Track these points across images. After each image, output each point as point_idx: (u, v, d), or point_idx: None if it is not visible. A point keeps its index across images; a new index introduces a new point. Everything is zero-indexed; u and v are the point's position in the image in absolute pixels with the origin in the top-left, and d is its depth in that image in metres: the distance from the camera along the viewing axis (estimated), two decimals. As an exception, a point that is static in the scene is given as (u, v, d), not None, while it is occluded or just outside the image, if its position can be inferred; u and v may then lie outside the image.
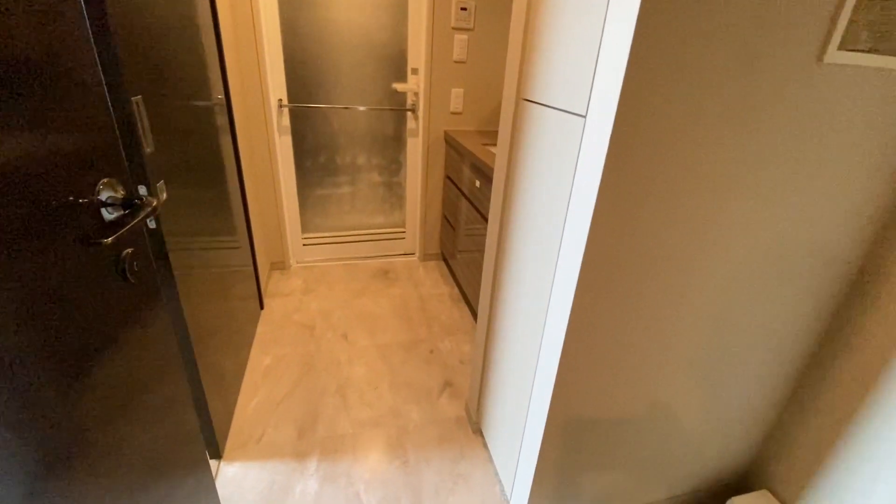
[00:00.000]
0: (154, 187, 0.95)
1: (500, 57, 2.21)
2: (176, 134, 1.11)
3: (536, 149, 0.92)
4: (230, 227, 1.61)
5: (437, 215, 2.53)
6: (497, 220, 1.17)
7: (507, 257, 1.14)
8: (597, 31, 0.68)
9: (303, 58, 2.08)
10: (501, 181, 1.12)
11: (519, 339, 1.09)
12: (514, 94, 1.01)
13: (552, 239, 0.88)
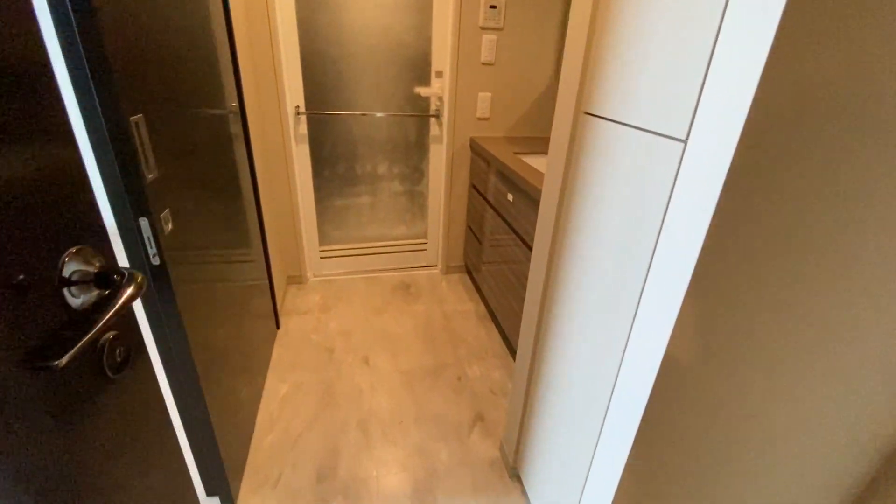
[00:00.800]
0: (157, 219, 0.83)
1: (532, 58, 2.06)
2: (186, 150, 0.99)
3: (605, 174, 0.77)
4: (244, 241, 1.50)
5: (461, 226, 2.39)
6: (545, 249, 1.03)
7: (559, 295, 0.99)
8: (706, 37, 0.53)
9: (321, 62, 1.96)
10: (552, 206, 0.97)
11: (577, 387, 0.94)
12: (573, 107, 0.86)
13: (627, 287, 0.73)
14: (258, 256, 1.69)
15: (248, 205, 1.57)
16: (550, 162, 0.97)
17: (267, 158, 2.00)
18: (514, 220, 1.65)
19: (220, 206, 1.26)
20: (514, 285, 1.69)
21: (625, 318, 0.74)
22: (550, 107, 2.18)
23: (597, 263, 0.82)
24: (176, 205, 0.92)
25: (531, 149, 1.94)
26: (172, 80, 0.92)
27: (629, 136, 0.70)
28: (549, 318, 1.05)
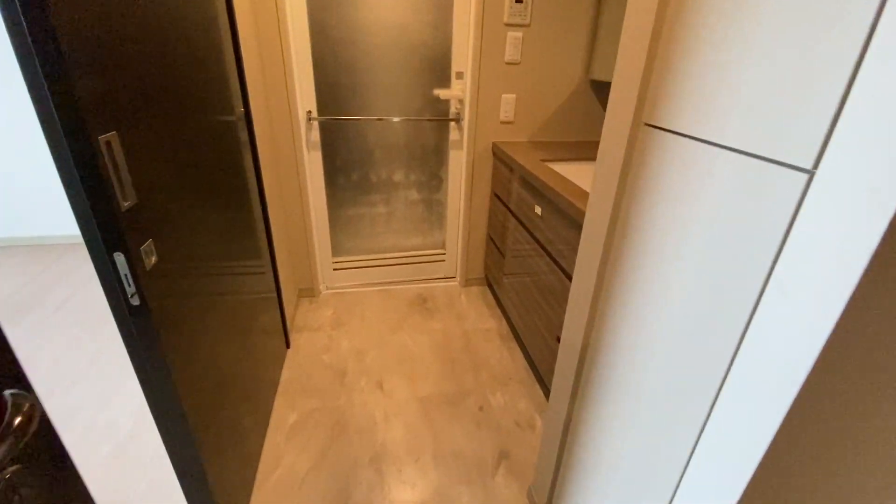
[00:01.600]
0: (137, 253, 0.71)
1: (561, 56, 1.89)
2: (178, 165, 0.87)
3: (678, 203, 0.62)
4: (251, 252, 1.38)
5: (481, 237, 2.25)
6: (589, 279, 0.87)
7: (607, 344, 0.83)
8: (850, 44, 0.37)
9: (334, 64, 1.83)
10: (599, 232, 0.82)
11: (640, 441, 0.79)
12: (629, 117, 0.71)
13: (716, 340, 0.57)
14: (266, 268, 1.58)
15: (255, 215, 1.46)
16: (598, 180, 0.82)
17: (277, 166, 1.89)
18: (543, 235, 1.49)
19: (223, 218, 1.14)
20: (541, 305, 1.54)
21: (699, 407, 0.58)
22: (580, 109, 2.02)
23: (673, 309, 0.67)
24: (163, 231, 0.80)
25: (559, 155, 1.78)
26: (158, 88, 0.80)
27: (717, 159, 0.54)
28: (593, 370, 0.90)
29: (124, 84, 0.69)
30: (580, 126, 2.06)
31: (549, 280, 1.46)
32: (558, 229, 1.37)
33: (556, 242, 1.39)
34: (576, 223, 1.26)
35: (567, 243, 1.32)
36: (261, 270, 1.53)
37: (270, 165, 1.75)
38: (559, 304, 1.40)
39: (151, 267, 0.75)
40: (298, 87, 1.83)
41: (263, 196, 1.54)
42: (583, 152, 1.84)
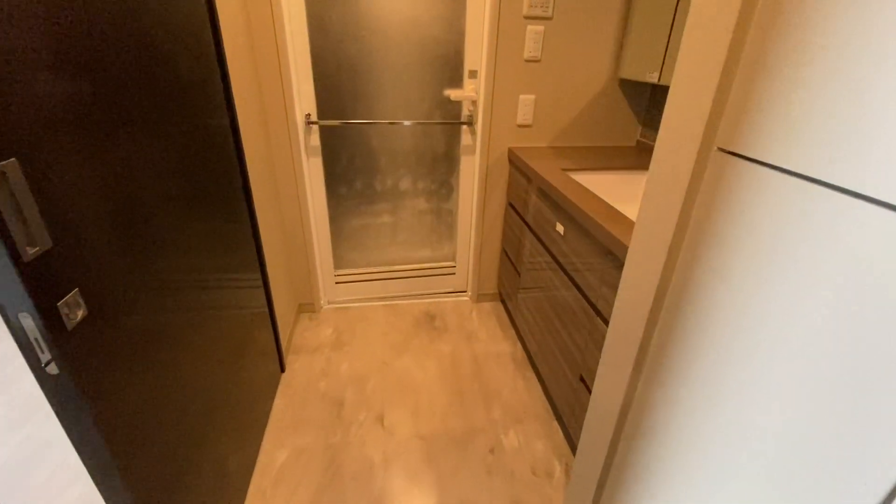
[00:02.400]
0: (53, 310, 0.55)
1: (587, 53, 1.70)
2: (120, 190, 0.71)
3: (792, 266, 0.44)
4: (235, 267, 1.24)
5: (495, 250, 2.07)
6: (632, 335, 0.69)
7: (667, 414, 0.65)
8: None
9: (335, 63, 1.67)
10: (649, 277, 0.64)
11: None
12: (696, 138, 0.52)
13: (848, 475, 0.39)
14: (256, 283, 1.43)
15: (241, 227, 1.31)
16: (648, 214, 0.64)
17: (274, 174, 1.74)
18: (565, 257, 1.31)
19: (195, 234, 0.99)
20: (560, 334, 1.36)
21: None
22: (607, 112, 1.82)
23: (755, 414, 0.48)
24: (96, 275, 0.64)
25: (583, 164, 1.59)
26: (86, 98, 0.65)
27: (845, 209, 0.36)
28: (632, 454, 0.72)
29: (28, 95, 0.54)
30: (607, 130, 1.86)
31: (572, 308, 1.28)
32: (584, 254, 1.18)
33: (582, 269, 1.20)
34: (604, 249, 1.08)
35: (593, 270, 1.14)
36: (251, 285, 1.38)
37: (265, 173, 1.60)
38: (582, 338, 1.22)
39: (77, 324, 0.60)
40: (296, 89, 1.67)
41: (251, 206, 1.38)
42: (610, 160, 1.64)
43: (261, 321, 1.48)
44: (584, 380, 1.23)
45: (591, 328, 1.16)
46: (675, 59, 1.48)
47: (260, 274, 1.49)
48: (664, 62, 1.43)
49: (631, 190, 1.61)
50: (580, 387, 1.25)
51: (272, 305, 1.57)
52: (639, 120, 1.85)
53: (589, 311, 1.17)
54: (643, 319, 0.65)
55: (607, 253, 1.07)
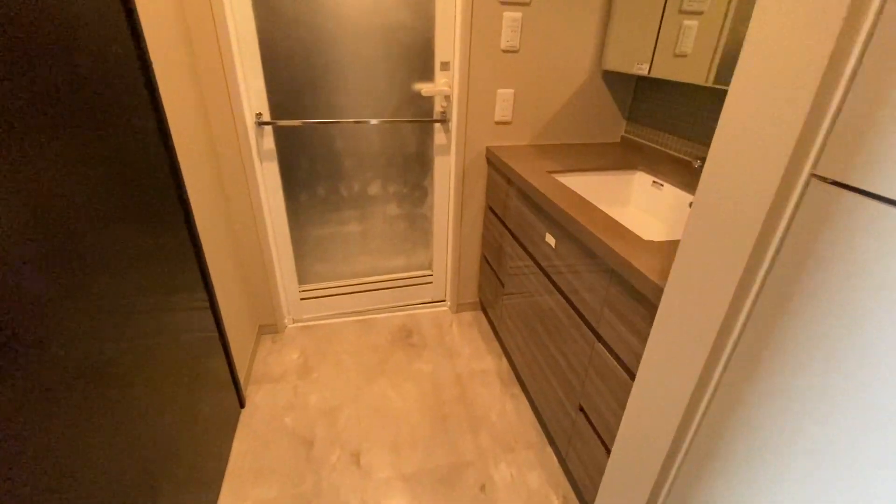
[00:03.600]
0: None
1: (569, 43, 1.56)
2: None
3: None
4: (166, 289, 1.03)
5: (474, 256, 1.92)
6: (679, 387, 0.56)
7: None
8: None
9: (288, 55, 1.46)
10: (706, 325, 0.50)
11: None
12: (780, 164, 0.38)
13: None
14: (200, 302, 1.23)
15: (176, 240, 1.11)
16: (696, 254, 0.50)
17: (222, 182, 1.52)
18: (559, 274, 1.18)
19: (123, 249, 0.79)
20: (551, 351, 1.23)
21: None
22: (591, 106, 1.69)
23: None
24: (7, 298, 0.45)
25: (569, 164, 1.45)
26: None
27: None
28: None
29: None
30: (590, 126, 1.73)
31: (567, 330, 1.15)
32: (581, 272, 1.05)
33: (580, 289, 1.07)
34: (607, 268, 0.94)
35: (594, 292, 1.00)
36: (196, 307, 1.19)
37: (210, 181, 1.38)
38: (580, 364, 1.09)
39: None
40: (243, 85, 1.45)
41: (189, 218, 1.17)
42: (596, 159, 1.51)
43: (212, 348, 1.29)
44: (584, 410, 1.11)
45: (593, 355, 1.03)
46: (667, 50, 1.37)
47: (206, 293, 1.29)
48: (654, 53, 1.30)
49: (621, 192, 1.49)
50: (580, 418, 1.13)
51: (223, 328, 1.37)
52: (623, 114, 1.74)
53: (589, 337, 1.04)
54: (696, 371, 0.52)
55: (610, 273, 0.93)
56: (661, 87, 1.55)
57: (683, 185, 1.29)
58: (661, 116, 1.57)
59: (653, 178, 1.41)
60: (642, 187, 1.45)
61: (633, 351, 0.87)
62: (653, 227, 1.35)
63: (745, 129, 0.41)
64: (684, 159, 1.46)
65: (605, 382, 0.99)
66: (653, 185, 1.41)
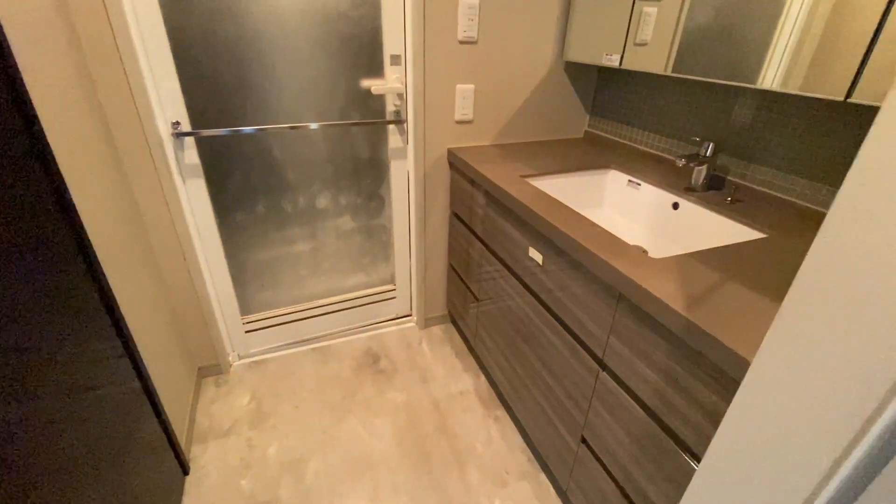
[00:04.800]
0: None
1: (529, 32, 1.43)
2: None
3: None
4: (78, 334, 0.80)
5: (440, 266, 1.77)
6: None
7: None
8: None
9: (208, 51, 1.21)
10: (841, 419, 0.38)
11: None
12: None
13: None
14: (112, 349, 0.98)
15: (73, 279, 0.86)
16: (793, 312, 0.38)
17: (135, 206, 1.24)
18: (548, 293, 1.06)
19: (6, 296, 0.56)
20: (538, 371, 1.12)
21: None
22: (554, 100, 1.58)
23: None
24: None
25: (540, 166, 1.34)
26: None
27: None
28: None
29: None
30: (553, 121, 1.63)
31: (562, 355, 1.04)
32: (580, 295, 0.94)
33: (577, 312, 0.95)
34: (610, 289, 0.83)
35: (595, 316, 0.89)
36: (108, 355, 0.94)
37: (117, 206, 1.11)
38: (580, 392, 0.99)
39: None
40: (152, 88, 1.19)
41: (87, 252, 0.92)
42: (567, 159, 1.41)
43: (136, 403, 1.05)
44: (587, 442, 1.00)
45: (598, 386, 0.93)
46: (639, 40, 1.27)
47: (119, 339, 1.03)
48: (626, 43, 1.21)
49: (594, 192, 1.40)
50: (582, 449, 1.02)
51: (147, 378, 1.12)
52: (586, 108, 1.65)
53: (591, 366, 0.93)
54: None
55: (617, 298, 0.83)
56: (624, 79, 1.48)
57: (664, 185, 1.21)
58: (625, 109, 1.49)
59: (628, 177, 1.33)
60: (617, 187, 1.37)
61: (654, 388, 0.77)
62: (636, 233, 1.27)
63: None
64: (657, 154, 1.40)
65: (615, 416, 0.89)
66: (629, 185, 1.33)
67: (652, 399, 0.78)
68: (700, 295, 0.71)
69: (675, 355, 0.72)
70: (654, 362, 0.76)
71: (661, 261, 0.82)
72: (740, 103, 1.13)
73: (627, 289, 0.77)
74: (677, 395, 0.73)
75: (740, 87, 1.12)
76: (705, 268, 0.80)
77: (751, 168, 1.13)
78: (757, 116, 1.09)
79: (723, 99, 1.17)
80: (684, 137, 1.30)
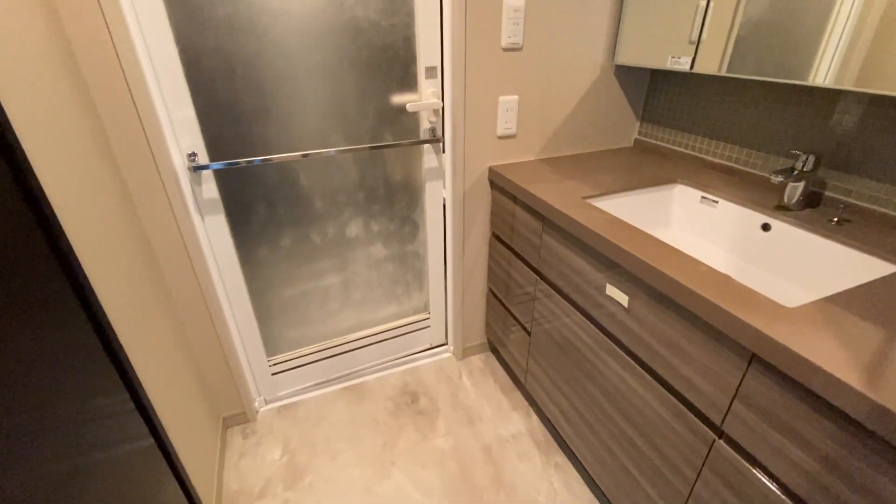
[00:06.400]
0: None
1: (578, 35, 1.28)
2: None
3: None
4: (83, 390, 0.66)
5: (479, 292, 1.62)
6: None
7: None
8: None
9: (224, 73, 1.07)
10: None
11: None
12: None
13: None
14: (121, 404, 0.84)
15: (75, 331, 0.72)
16: None
17: (149, 246, 1.11)
18: (640, 344, 0.91)
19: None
20: (609, 414, 0.97)
21: None
22: (603, 110, 1.43)
23: None
24: None
25: (600, 184, 1.19)
26: None
27: None
28: None
29: None
30: (601, 130, 1.48)
31: (656, 412, 0.89)
32: (687, 348, 0.79)
33: (681, 367, 0.80)
34: (738, 350, 0.68)
35: (712, 378, 0.74)
36: (117, 411, 0.80)
37: (125, 249, 0.97)
38: (682, 457, 0.84)
39: None
40: (165, 117, 1.05)
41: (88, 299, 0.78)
42: (624, 173, 1.26)
43: (150, 464, 0.90)
44: (692, 516, 0.85)
45: (713, 456, 0.78)
46: (716, 39, 1.10)
47: (127, 392, 0.88)
48: (699, 42, 1.06)
49: (660, 210, 1.25)
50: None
51: (161, 433, 0.97)
52: (636, 114, 1.50)
53: (703, 433, 0.78)
54: None
55: (748, 358, 0.68)
56: (678, 81, 1.33)
57: (748, 202, 1.06)
58: (683, 115, 1.34)
59: (700, 193, 1.18)
60: (687, 204, 1.22)
61: (801, 469, 0.62)
62: (717, 258, 1.12)
63: None
64: (727, 166, 1.24)
65: (740, 497, 0.74)
66: (702, 202, 1.18)
67: (797, 480, 0.63)
68: (868, 360, 0.56)
69: (842, 438, 0.57)
70: (805, 440, 0.61)
71: (798, 311, 0.67)
72: (841, 108, 0.97)
73: (765, 349, 0.63)
74: (839, 482, 0.58)
75: (840, 91, 0.97)
76: (853, 317, 0.65)
77: (856, 182, 0.98)
78: (864, 123, 0.94)
79: (817, 103, 1.01)
80: (764, 147, 1.15)
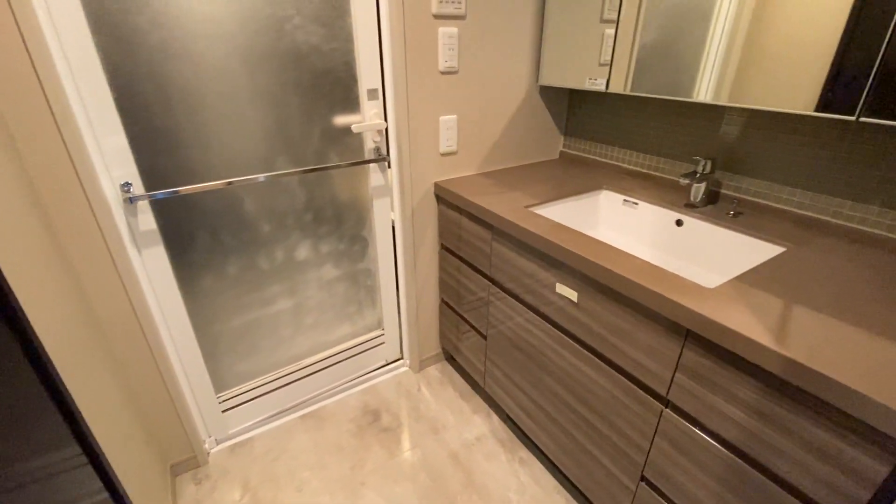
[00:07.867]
0: None
1: (507, 57, 1.40)
2: None
3: None
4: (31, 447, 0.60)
5: (432, 304, 1.67)
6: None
7: None
8: None
9: (158, 98, 1.03)
10: None
11: None
12: None
13: None
14: (73, 459, 0.77)
15: (19, 383, 0.66)
16: None
17: (79, 284, 1.01)
18: (589, 333, 1.01)
19: None
20: (573, 407, 1.07)
21: None
22: (531, 126, 1.57)
23: None
24: None
25: (537, 193, 1.30)
26: None
27: None
28: None
29: None
30: (531, 145, 1.61)
31: (603, 388, 0.99)
32: (631, 332, 0.89)
33: (627, 350, 0.91)
34: (675, 328, 0.80)
35: (655, 356, 0.86)
36: (69, 466, 0.73)
37: (55, 291, 0.89)
38: (636, 429, 0.95)
39: None
40: (94, 146, 0.98)
41: (28, 339, 0.71)
42: (556, 182, 1.39)
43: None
44: (649, 479, 0.96)
45: (663, 424, 0.89)
46: (622, 62, 1.28)
47: (79, 445, 0.81)
48: (612, 65, 1.22)
49: (590, 215, 1.39)
50: (644, 489, 0.98)
51: (115, 486, 0.89)
52: (560, 129, 1.66)
53: (651, 405, 0.89)
54: None
55: (684, 334, 0.79)
56: (595, 99, 1.50)
57: (663, 202, 1.23)
58: (602, 129, 1.52)
59: (622, 197, 1.34)
60: (612, 207, 1.37)
61: (738, 424, 0.74)
62: (642, 252, 1.27)
63: None
64: (642, 172, 1.42)
65: (689, 457, 0.85)
66: (624, 204, 1.34)
67: (735, 434, 0.76)
68: (776, 324, 0.70)
69: (765, 391, 0.69)
70: (737, 397, 0.73)
71: (717, 291, 0.80)
72: (727, 120, 1.17)
73: (697, 325, 0.74)
74: (772, 432, 0.70)
75: (726, 106, 1.17)
76: (759, 292, 0.79)
77: (744, 181, 1.18)
78: (745, 132, 1.14)
79: (708, 115, 1.21)
80: (671, 154, 1.33)
